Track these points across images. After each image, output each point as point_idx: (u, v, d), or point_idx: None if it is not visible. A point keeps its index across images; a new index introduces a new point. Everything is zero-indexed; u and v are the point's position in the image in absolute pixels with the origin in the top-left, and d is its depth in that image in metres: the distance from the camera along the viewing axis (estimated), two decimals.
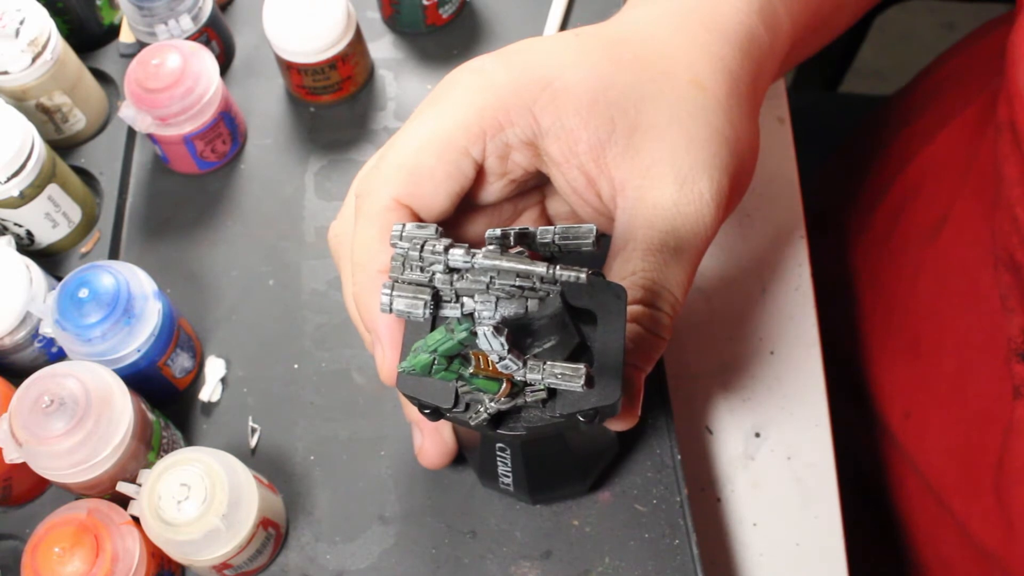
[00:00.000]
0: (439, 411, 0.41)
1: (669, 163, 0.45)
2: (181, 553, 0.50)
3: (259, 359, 0.61)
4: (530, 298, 0.37)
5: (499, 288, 0.37)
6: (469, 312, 0.38)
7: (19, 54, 0.61)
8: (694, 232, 0.45)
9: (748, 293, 0.64)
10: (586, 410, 0.39)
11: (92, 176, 0.66)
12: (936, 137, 0.73)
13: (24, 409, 0.50)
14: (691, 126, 0.46)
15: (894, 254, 0.73)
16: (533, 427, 0.40)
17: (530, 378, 0.37)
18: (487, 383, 0.39)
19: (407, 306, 0.38)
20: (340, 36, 0.64)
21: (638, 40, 0.48)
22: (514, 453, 0.48)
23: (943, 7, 1.68)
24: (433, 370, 0.37)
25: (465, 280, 0.38)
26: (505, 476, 0.51)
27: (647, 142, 0.45)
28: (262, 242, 0.64)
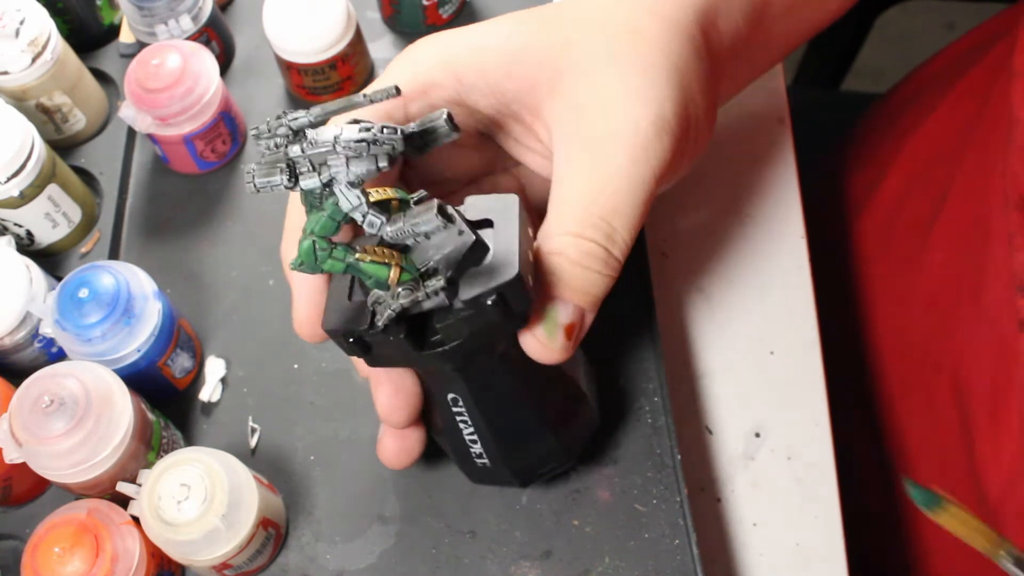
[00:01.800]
0: (360, 339, 0.41)
1: (600, 98, 0.44)
2: (181, 553, 0.50)
3: (259, 359, 0.61)
4: (378, 154, 0.39)
5: (345, 146, 0.38)
6: (326, 181, 0.39)
7: (19, 54, 0.61)
8: (633, 164, 0.43)
9: (748, 293, 0.64)
10: (490, 290, 0.40)
11: (92, 176, 0.66)
12: (940, 107, 0.73)
13: (24, 409, 0.50)
14: (623, 64, 0.44)
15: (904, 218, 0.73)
16: (448, 329, 0.41)
17: (392, 230, 0.39)
18: (375, 268, 0.40)
19: (265, 179, 0.38)
20: (340, 36, 0.64)
21: (578, 6, 0.47)
22: (467, 401, 0.46)
23: (943, 7, 1.68)
24: (318, 257, 0.39)
25: (315, 147, 0.39)
26: (474, 446, 0.49)
27: (576, 81, 0.44)
28: (262, 242, 0.64)
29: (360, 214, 0.39)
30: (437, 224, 0.39)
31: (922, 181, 0.73)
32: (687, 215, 0.66)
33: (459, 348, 0.42)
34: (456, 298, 0.40)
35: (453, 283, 0.41)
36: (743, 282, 0.65)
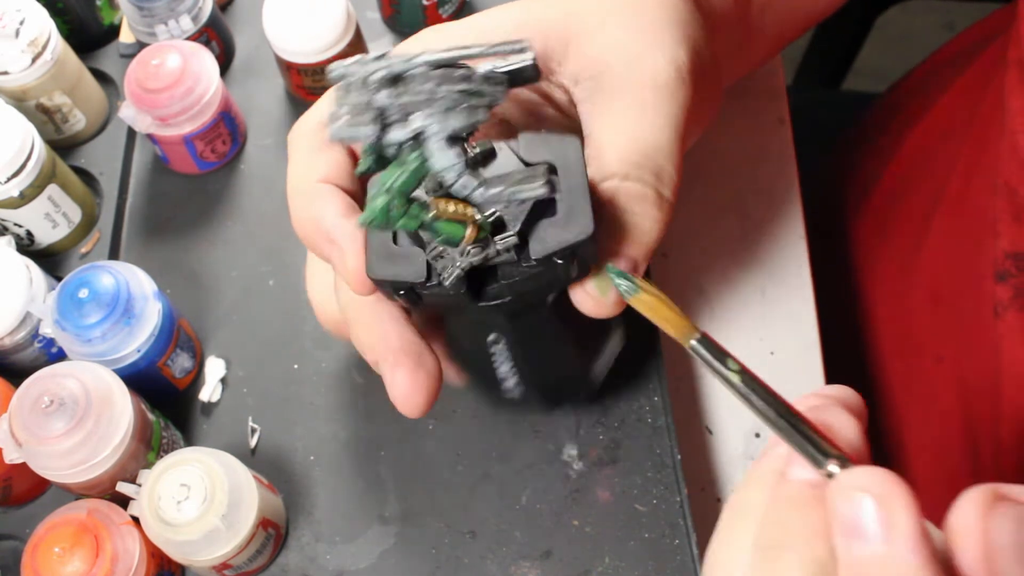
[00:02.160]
0: (414, 291, 0.38)
1: (616, 50, 0.43)
2: (181, 553, 0.50)
3: (259, 359, 0.61)
4: (479, 106, 0.35)
5: (444, 97, 0.35)
6: (417, 131, 0.35)
7: (19, 54, 0.61)
8: (661, 100, 0.42)
9: (748, 293, 0.64)
10: (563, 249, 0.37)
11: (92, 176, 0.66)
12: (939, 102, 0.73)
13: (24, 409, 0.50)
14: (628, 20, 0.44)
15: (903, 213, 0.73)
16: (514, 285, 0.38)
17: (490, 194, 0.35)
18: (451, 226, 0.36)
19: (350, 128, 0.35)
20: (340, 36, 0.64)
21: None
22: (509, 342, 0.43)
23: (943, 7, 1.68)
24: (392, 216, 0.35)
25: (409, 93, 0.35)
26: (506, 379, 0.46)
27: (589, 40, 0.44)
28: (262, 242, 0.64)
29: (455, 174, 0.35)
30: (543, 194, 0.35)
31: (920, 176, 0.73)
32: (687, 215, 0.66)
33: (518, 299, 0.39)
34: (526, 255, 0.37)
35: (523, 237, 0.37)
36: (743, 282, 0.65)
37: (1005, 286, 0.59)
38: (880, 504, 0.27)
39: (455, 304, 0.39)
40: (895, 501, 0.27)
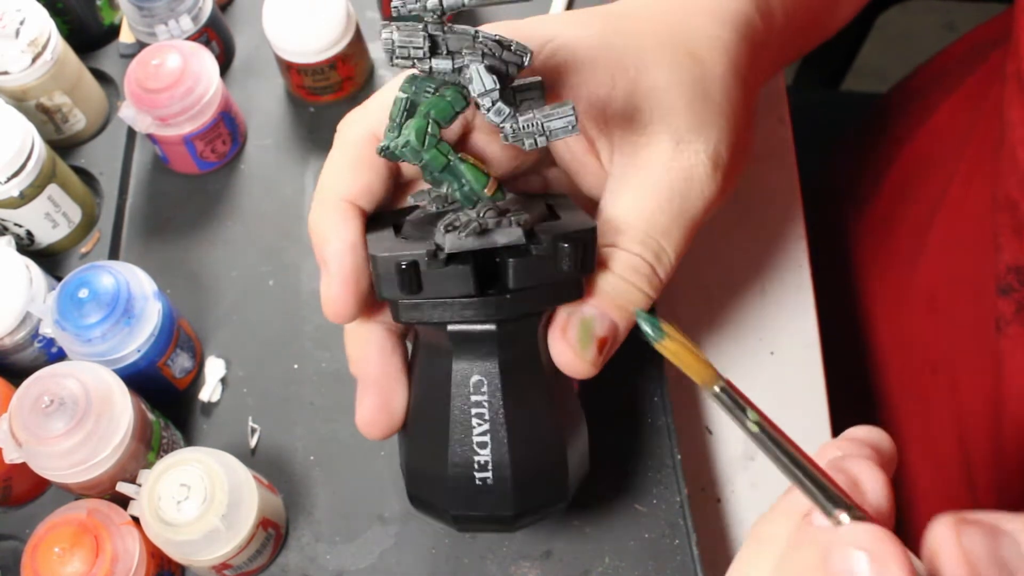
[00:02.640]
0: (415, 270, 0.39)
1: (667, 123, 0.44)
2: (181, 553, 0.50)
3: (259, 359, 0.61)
4: (509, 62, 0.39)
5: (483, 41, 0.38)
6: (460, 64, 0.38)
7: (19, 54, 0.61)
8: (689, 192, 0.44)
9: (748, 293, 0.64)
10: (569, 233, 0.39)
11: (92, 176, 0.66)
12: (939, 109, 0.73)
13: (24, 409, 0.50)
14: (689, 92, 0.45)
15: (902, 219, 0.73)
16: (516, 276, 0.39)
17: (522, 121, 0.37)
18: (475, 171, 0.39)
19: (407, 39, 0.37)
20: (340, 36, 0.64)
21: (637, 15, 0.48)
22: (492, 389, 0.42)
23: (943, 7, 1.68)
24: (426, 141, 0.37)
25: (454, 33, 0.38)
26: (481, 451, 0.43)
27: (646, 101, 0.45)
28: (262, 242, 0.64)
29: (491, 99, 0.37)
30: (572, 121, 0.37)
31: (920, 182, 0.73)
32: None
33: (518, 300, 0.40)
34: (535, 239, 0.39)
35: (531, 237, 0.39)
36: (743, 282, 0.65)
37: (1008, 300, 0.59)
38: (874, 561, 0.29)
39: (452, 302, 0.40)
40: (889, 561, 0.29)
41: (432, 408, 0.44)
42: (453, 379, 0.43)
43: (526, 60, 0.39)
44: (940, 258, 0.68)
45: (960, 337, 0.66)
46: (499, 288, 0.40)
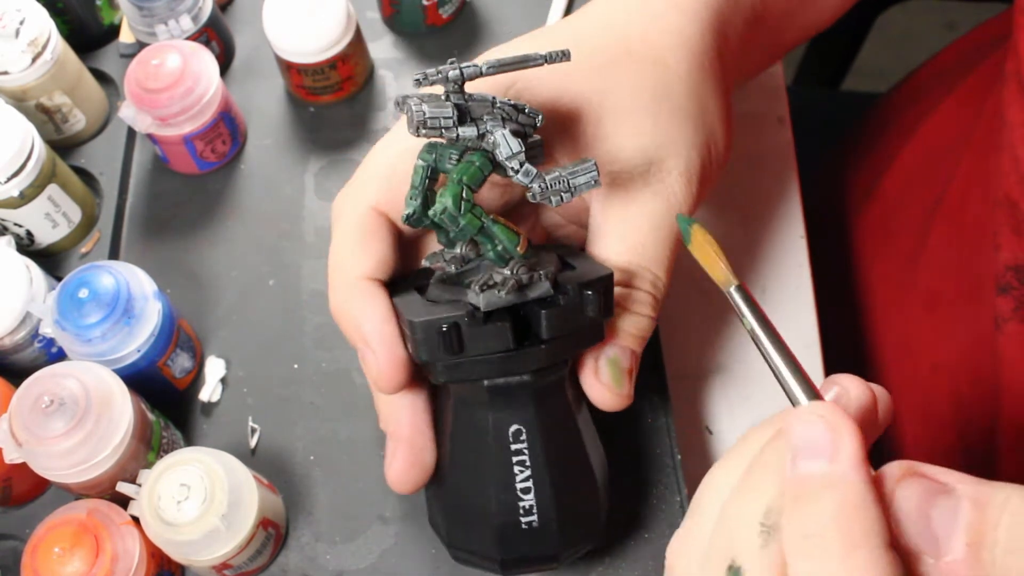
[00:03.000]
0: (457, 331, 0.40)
1: (637, 146, 0.46)
2: (181, 553, 0.50)
3: (259, 359, 0.61)
4: (526, 124, 0.41)
5: (500, 107, 0.41)
6: (483, 132, 0.40)
7: (19, 54, 0.61)
8: (666, 208, 0.46)
9: None
10: (592, 280, 0.41)
11: (92, 176, 0.66)
12: (939, 108, 0.73)
13: (24, 409, 0.50)
14: (654, 106, 0.46)
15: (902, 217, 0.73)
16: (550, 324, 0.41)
17: (549, 180, 0.39)
18: (507, 232, 0.41)
19: (437, 110, 0.40)
20: (340, 36, 0.64)
21: (599, 27, 0.49)
22: (531, 435, 0.44)
23: (943, 7, 1.68)
24: (462, 207, 0.39)
25: (474, 101, 0.41)
26: (525, 496, 0.45)
27: (614, 128, 0.46)
28: (262, 242, 0.64)
29: (519, 162, 0.39)
30: (595, 176, 0.40)
31: (920, 181, 0.73)
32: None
33: (551, 349, 0.42)
34: (561, 287, 0.42)
35: (557, 289, 0.42)
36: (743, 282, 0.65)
37: (1007, 298, 0.59)
38: (830, 429, 0.30)
39: (491, 357, 0.41)
40: (845, 430, 0.30)
41: (471, 460, 0.45)
42: (492, 431, 0.44)
43: (539, 121, 0.42)
44: (940, 257, 0.68)
45: (959, 336, 0.66)
46: (531, 339, 0.42)
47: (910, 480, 0.30)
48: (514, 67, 0.41)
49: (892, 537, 0.29)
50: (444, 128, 0.40)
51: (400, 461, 0.46)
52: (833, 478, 0.30)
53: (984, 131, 0.65)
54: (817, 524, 0.30)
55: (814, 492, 0.30)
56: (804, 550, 0.30)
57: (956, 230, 0.67)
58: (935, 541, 0.29)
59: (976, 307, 0.63)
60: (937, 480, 0.30)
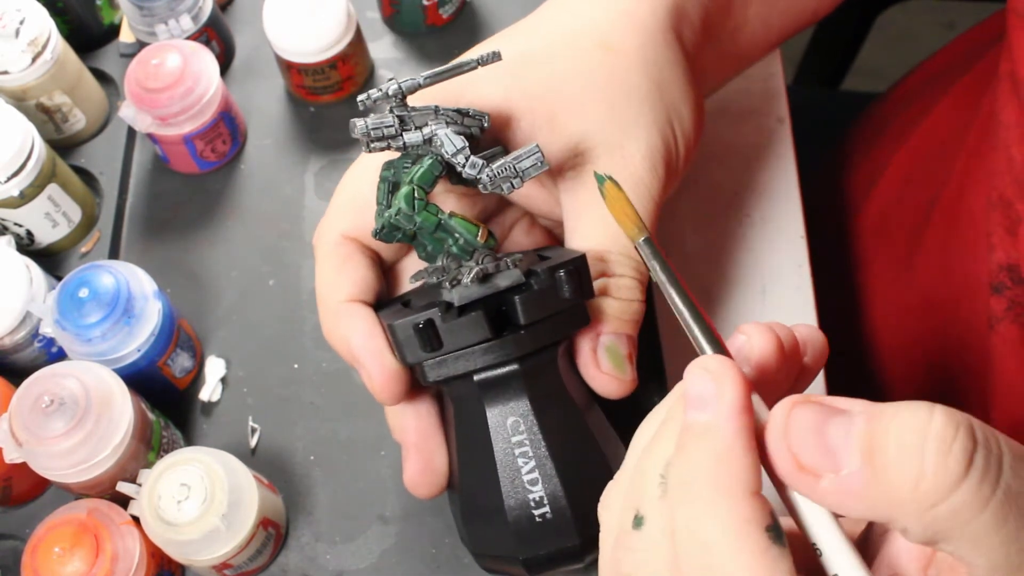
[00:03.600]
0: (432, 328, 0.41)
1: (594, 135, 0.46)
2: (181, 553, 0.50)
3: (259, 359, 0.61)
4: (471, 126, 0.43)
5: (443, 113, 0.43)
6: (429, 134, 0.42)
7: (19, 54, 0.61)
8: (637, 198, 0.46)
9: (748, 293, 0.64)
10: (564, 263, 0.42)
11: (92, 176, 0.66)
12: (935, 109, 0.73)
13: (24, 409, 0.50)
14: (607, 92, 0.46)
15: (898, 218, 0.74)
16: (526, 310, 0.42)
17: (496, 168, 0.41)
18: (466, 224, 0.42)
19: (378, 122, 0.42)
20: (340, 36, 0.64)
21: (548, 18, 0.49)
22: (529, 425, 0.44)
23: (943, 7, 1.68)
24: (416, 206, 0.41)
25: (417, 111, 0.43)
26: (534, 488, 0.44)
27: (568, 120, 0.46)
28: (262, 242, 0.64)
29: (464, 156, 0.41)
30: (539, 158, 0.40)
31: (916, 182, 0.73)
32: (687, 215, 0.66)
33: (532, 334, 0.42)
34: (533, 274, 0.42)
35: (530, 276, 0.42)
36: (743, 282, 0.65)
37: (1000, 298, 0.59)
38: (715, 381, 0.32)
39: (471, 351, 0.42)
40: (727, 381, 0.32)
41: (477, 460, 0.45)
42: (490, 426, 0.44)
43: (485, 122, 0.44)
44: (934, 257, 0.69)
45: (953, 336, 0.66)
46: (512, 328, 0.43)
47: (804, 404, 0.31)
48: (449, 75, 0.43)
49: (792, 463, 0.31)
50: (389, 137, 0.42)
51: (411, 466, 0.47)
52: (708, 427, 0.32)
53: (979, 132, 0.65)
54: (690, 472, 0.32)
55: (692, 441, 0.32)
56: (680, 497, 0.32)
57: (950, 230, 0.67)
58: (833, 456, 0.30)
59: (970, 307, 0.63)
60: (833, 405, 0.31)
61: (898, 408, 0.30)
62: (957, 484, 0.28)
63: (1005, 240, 0.59)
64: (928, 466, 0.28)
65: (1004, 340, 0.59)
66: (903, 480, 0.29)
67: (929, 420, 0.29)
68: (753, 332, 0.36)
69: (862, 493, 0.29)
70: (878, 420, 0.30)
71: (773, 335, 0.36)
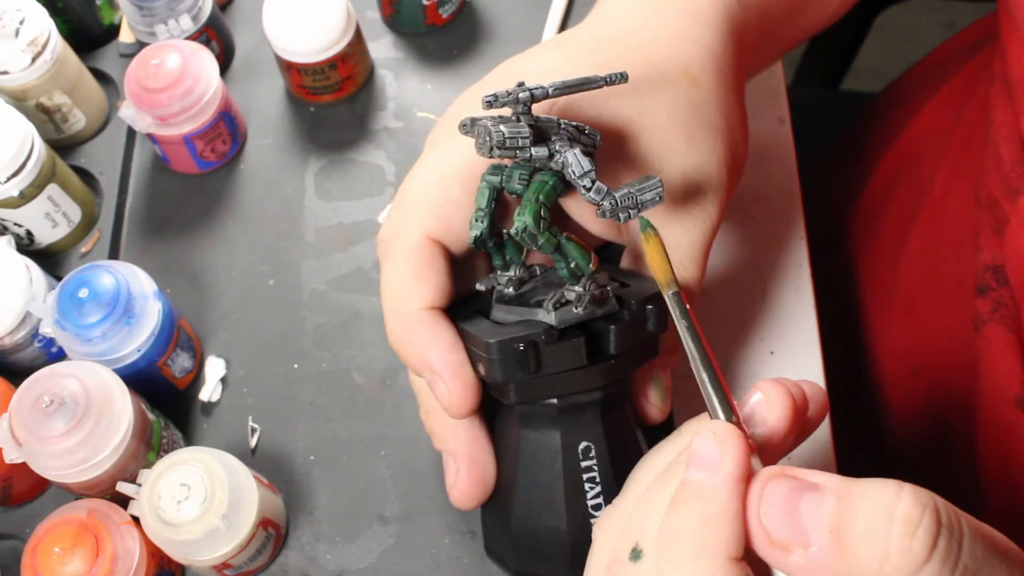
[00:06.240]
0: (535, 348, 0.41)
1: (675, 167, 0.46)
2: (181, 553, 0.50)
3: (259, 359, 0.61)
4: (588, 144, 0.42)
5: (566, 127, 0.42)
6: (552, 152, 0.41)
7: (19, 54, 0.61)
8: (702, 230, 0.47)
9: (748, 293, 0.64)
10: (651, 296, 0.42)
11: (92, 176, 0.66)
12: (924, 108, 0.74)
13: (24, 409, 0.50)
14: (689, 124, 0.46)
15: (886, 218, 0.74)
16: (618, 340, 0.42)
17: (619, 196, 0.40)
18: (580, 250, 0.41)
19: (515, 131, 0.40)
20: (340, 36, 0.64)
21: (619, 36, 0.48)
22: (600, 451, 0.44)
23: (943, 7, 1.68)
24: (541, 225, 0.40)
25: (541, 123, 0.41)
26: (596, 510, 0.44)
27: (652, 147, 0.46)
28: (262, 242, 0.64)
29: (590, 180, 0.40)
30: (660, 192, 0.40)
31: (903, 182, 0.73)
32: None
33: (620, 364, 0.42)
34: (627, 304, 0.42)
35: (621, 304, 0.43)
36: (743, 282, 0.65)
37: (985, 300, 0.59)
38: (720, 447, 0.34)
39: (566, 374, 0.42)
40: (729, 449, 0.34)
41: (539, 481, 0.45)
42: (562, 449, 0.44)
43: (598, 141, 0.43)
44: (920, 258, 0.69)
45: (939, 337, 0.66)
46: (599, 355, 0.42)
47: (778, 479, 0.33)
48: (577, 89, 0.41)
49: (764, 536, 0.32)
50: (519, 148, 0.40)
51: (464, 480, 0.46)
52: (704, 489, 0.33)
53: (966, 131, 0.66)
54: (680, 528, 0.33)
55: (687, 499, 0.34)
56: (667, 548, 0.34)
57: (936, 231, 0.67)
58: (803, 532, 0.31)
59: (955, 308, 0.63)
60: (806, 480, 0.32)
61: (868, 486, 0.31)
62: (920, 567, 0.29)
63: (991, 240, 0.59)
64: (894, 547, 0.29)
65: (989, 342, 0.59)
66: (869, 559, 0.30)
67: (897, 501, 0.30)
68: (772, 393, 0.37)
69: (830, 569, 0.31)
70: (848, 499, 0.31)
71: (789, 398, 0.37)
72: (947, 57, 0.79)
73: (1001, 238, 0.58)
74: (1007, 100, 0.58)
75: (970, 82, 0.69)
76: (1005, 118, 0.58)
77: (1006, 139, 0.58)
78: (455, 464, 0.46)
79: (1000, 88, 0.59)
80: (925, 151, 0.72)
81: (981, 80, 0.66)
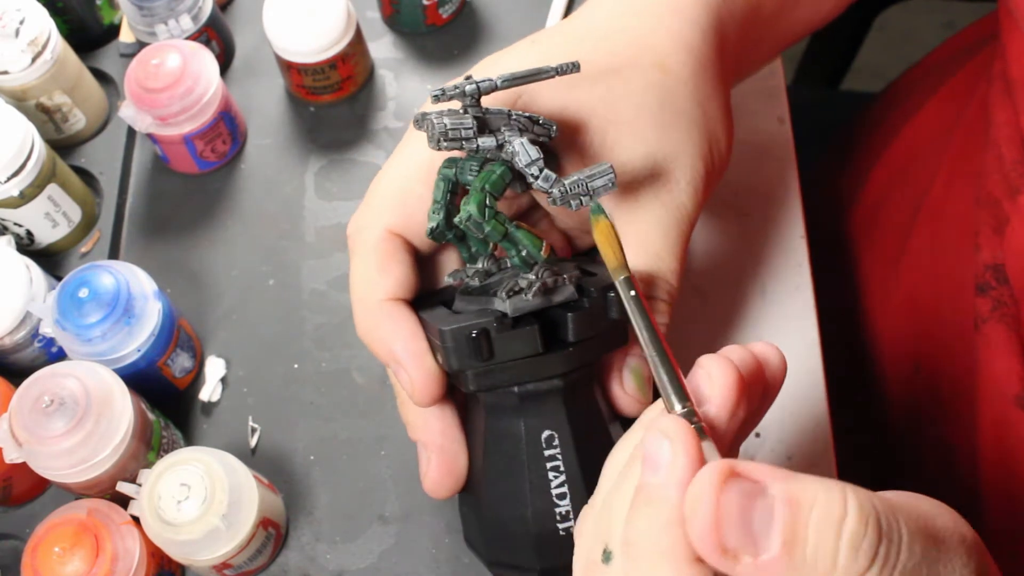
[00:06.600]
0: (486, 336, 0.41)
1: (643, 155, 0.46)
2: (181, 553, 0.50)
3: (259, 359, 0.61)
4: (540, 134, 0.42)
5: (516, 118, 0.42)
6: (501, 143, 0.41)
7: (19, 54, 0.61)
8: (676, 219, 0.46)
9: (748, 293, 0.64)
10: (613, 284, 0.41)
11: (92, 176, 0.66)
12: (924, 108, 0.74)
13: (24, 409, 0.50)
14: (659, 113, 0.46)
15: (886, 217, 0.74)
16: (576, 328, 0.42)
17: (568, 184, 0.40)
18: (531, 237, 0.41)
19: (458, 122, 0.40)
20: (340, 36, 0.64)
21: (600, 32, 0.49)
22: (564, 439, 0.44)
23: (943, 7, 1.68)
24: (486, 214, 0.40)
25: (491, 113, 0.42)
26: (561, 502, 0.44)
27: (620, 137, 0.46)
28: (262, 242, 0.64)
29: (538, 168, 0.40)
30: (612, 179, 0.40)
31: (904, 181, 0.73)
32: None
33: (579, 352, 0.42)
34: (587, 291, 0.42)
35: (580, 292, 0.42)
36: (743, 282, 0.65)
37: (985, 298, 0.59)
38: (671, 448, 0.34)
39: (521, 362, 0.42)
40: (680, 449, 0.34)
41: (505, 469, 0.45)
42: (525, 437, 0.44)
43: (553, 132, 0.43)
44: (921, 257, 0.69)
45: (939, 336, 0.66)
46: (558, 343, 0.42)
47: (731, 482, 0.33)
48: (526, 80, 0.42)
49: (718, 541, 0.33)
50: (464, 139, 0.41)
51: (435, 469, 0.47)
52: (656, 494, 0.34)
53: (966, 130, 0.66)
54: (640, 530, 0.34)
55: (642, 504, 0.34)
56: (630, 552, 0.34)
57: (937, 229, 0.67)
58: (754, 540, 0.32)
59: (955, 307, 0.63)
60: (751, 478, 0.33)
61: (815, 493, 0.32)
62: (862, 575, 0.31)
63: (991, 239, 0.59)
64: (840, 560, 0.31)
65: (989, 341, 0.59)
66: (817, 570, 0.31)
67: (844, 516, 0.31)
68: (712, 368, 0.37)
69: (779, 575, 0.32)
70: (799, 509, 0.32)
71: (731, 367, 0.37)
72: (947, 57, 0.79)
73: (1001, 237, 0.58)
74: (1007, 100, 0.58)
75: (970, 82, 0.69)
76: (1005, 118, 0.58)
77: (1007, 139, 0.58)
78: (427, 453, 0.47)
79: (1000, 88, 0.59)
80: (925, 151, 0.72)
81: (981, 80, 0.66)
